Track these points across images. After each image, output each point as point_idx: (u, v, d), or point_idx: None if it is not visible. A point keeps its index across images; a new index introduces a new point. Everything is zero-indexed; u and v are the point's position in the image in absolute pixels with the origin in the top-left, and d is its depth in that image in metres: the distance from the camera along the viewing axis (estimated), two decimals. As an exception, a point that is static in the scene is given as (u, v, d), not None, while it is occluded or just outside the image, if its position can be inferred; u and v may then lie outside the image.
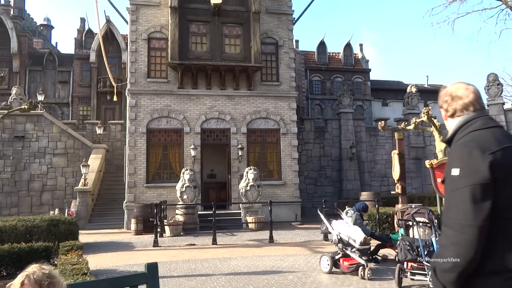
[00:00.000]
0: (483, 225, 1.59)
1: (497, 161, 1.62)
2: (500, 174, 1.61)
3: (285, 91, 17.51)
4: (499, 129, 1.78)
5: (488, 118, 1.81)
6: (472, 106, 1.84)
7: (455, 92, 1.89)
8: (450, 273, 1.65)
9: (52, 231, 10.06)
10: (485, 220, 1.59)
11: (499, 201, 1.61)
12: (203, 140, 16.66)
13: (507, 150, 1.67)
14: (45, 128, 19.62)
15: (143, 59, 16.60)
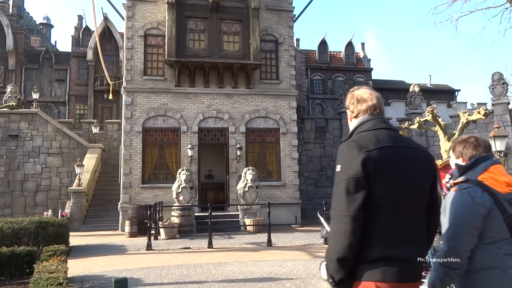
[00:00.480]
0: (355, 215, 1.72)
1: (370, 158, 1.75)
2: (372, 170, 1.74)
3: (285, 90, 17.06)
4: (387, 130, 1.92)
5: (379, 121, 1.95)
6: (373, 109, 1.99)
7: (361, 96, 2.03)
8: (333, 262, 1.75)
9: (40, 234, 9.60)
10: (358, 210, 1.72)
11: (375, 194, 1.75)
12: (200, 139, 16.21)
13: (384, 149, 1.80)
14: (40, 127, 19.19)
15: (139, 56, 16.16)
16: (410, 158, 1.87)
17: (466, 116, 12.17)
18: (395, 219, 1.78)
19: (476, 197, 1.97)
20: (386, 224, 1.78)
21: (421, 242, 1.85)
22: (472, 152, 2.19)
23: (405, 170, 1.83)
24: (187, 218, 13.21)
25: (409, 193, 1.82)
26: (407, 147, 1.90)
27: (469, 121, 12.22)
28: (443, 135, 12.67)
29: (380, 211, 1.77)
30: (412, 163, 1.86)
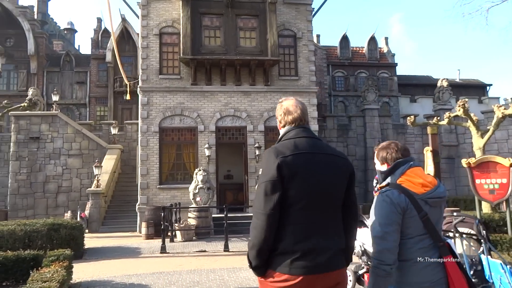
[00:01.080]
0: (270, 213, 2.00)
1: (285, 163, 2.02)
2: (286, 173, 2.01)
3: (305, 86, 16.44)
4: (307, 139, 2.17)
5: (301, 130, 2.20)
6: (298, 121, 2.23)
7: (288, 108, 2.27)
8: (251, 251, 2.06)
9: (52, 236, 9.40)
10: (273, 209, 2.00)
11: (289, 194, 2.03)
12: (218, 139, 15.81)
13: (299, 155, 2.07)
14: (60, 129, 19.28)
15: (154, 55, 15.91)
16: (324, 163, 2.10)
17: (501, 110, 11.25)
18: (305, 217, 2.03)
19: (393, 198, 2.18)
20: (296, 221, 2.03)
21: (330, 236, 2.07)
22: (394, 157, 2.37)
23: (317, 173, 2.06)
24: (204, 219, 12.81)
25: (320, 194, 2.05)
26: (322, 154, 2.14)
27: (505, 115, 11.29)
28: (475, 131, 11.77)
29: (292, 209, 2.03)
30: (326, 168, 2.10)
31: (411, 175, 2.28)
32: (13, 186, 18.54)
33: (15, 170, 18.65)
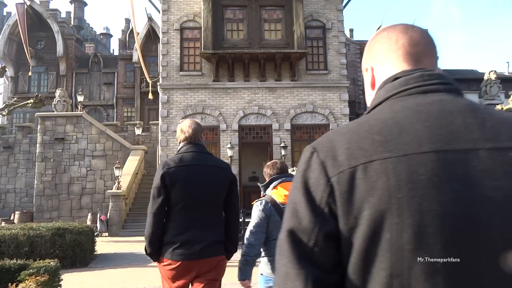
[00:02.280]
0: (156, 212, 2.56)
1: (167, 173, 2.56)
2: (168, 182, 2.54)
3: (335, 81, 15.16)
4: (193, 153, 2.67)
5: (190, 146, 2.70)
6: (190, 139, 2.73)
7: (182, 128, 2.78)
8: (146, 242, 2.62)
9: (56, 242, 8.76)
10: (157, 209, 2.55)
11: (171, 198, 2.56)
12: (241, 138, 14.85)
13: (181, 167, 2.60)
14: (85, 130, 19.04)
15: (175, 51, 15.21)
16: (203, 173, 2.64)
17: None
18: (183, 215, 2.60)
19: (261, 207, 2.73)
20: (176, 218, 2.60)
21: (206, 230, 2.58)
22: (271, 174, 2.91)
23: (194, 181, 2.60)
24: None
25: (197, 197, 2.60)
26: (203, 165, 2.68)
27: None
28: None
29: (174, 210, 2.60)
30: (204, 176, 2.63)
31: (280, 188, 2.78)
32: (38, 188, 18.46)
33: (40, 171, 18.57)
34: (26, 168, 20.87)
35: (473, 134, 0.74)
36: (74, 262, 8.91)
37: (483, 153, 0.73)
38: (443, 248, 0.69)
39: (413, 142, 0.74)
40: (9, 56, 24.58)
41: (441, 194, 0.71)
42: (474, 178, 0.72)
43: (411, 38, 0.91)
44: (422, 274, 0.69)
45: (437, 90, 0.82)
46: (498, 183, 0.71)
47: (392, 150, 0.74)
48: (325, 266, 0.76)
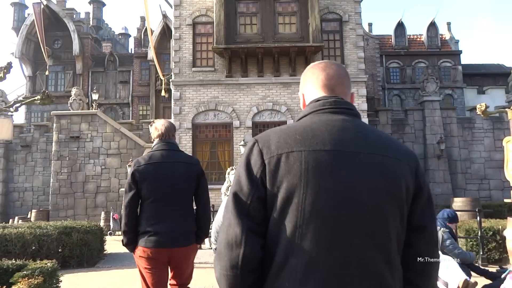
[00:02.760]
0: (127, 205, 2.92)
1: (137, 170, 2.92)
2: (138, 178, 2.90)
3: (352, 75, 14.55)
4: (162, 151, 3.01)
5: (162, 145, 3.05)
6: (162, 136, 3.07)
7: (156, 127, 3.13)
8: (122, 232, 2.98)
9: (62, 241, 8.54)
10: (128, 202, 2.92)
11: (141, 192, 2.91)
12: (255, 135, 14.35)
13: (150, 164, 2.94)
14: (99, 128, 19.01)
15: (187, 47, 14.91)
16: (171, 169, 2.94)
17: None
18: (154, 208, 2.92)
19: None
20: (148, 211, 2.93)
21: (175, 221, 2.87)
22: None
23: (162, 177, 2.92)
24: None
25: (165, 191, 2.91)
26: (171, 162, 2.98)
27: None
28: None
29: (145, 203, 2.93)
30: (172, 172, 2.92)
31: None
32: (54, 186, 18.52)
33: (56, 169, 18.63)
34: (43, 167, 21.01)
35: (358, 143, 1.21)
36: (81, 261, 8.69)
37: (362, 155, 1.19)
38: (329, 212, 1.13)
39: (320, 143, 1.18)
40: (27, 56, 24.88)
41: (333, 177, 1.15)
42: (355, 169, 1.17)
43: (328, 74, 1.33)
44: (313, 226, 1.12)
45: (342, 113, 1.26)
46: (370, 174, 1.17)
47: (306, 145, 1.17)
48: (256, 220, 1.16)
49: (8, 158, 21.06)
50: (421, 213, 1.22)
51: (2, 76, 8.92)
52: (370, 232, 1.12)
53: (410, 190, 1.21)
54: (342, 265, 1.10)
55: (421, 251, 1.21)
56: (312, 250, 1.10)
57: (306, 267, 1.10)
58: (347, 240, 1.11)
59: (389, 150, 1.22)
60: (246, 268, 1.14)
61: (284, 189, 1.14)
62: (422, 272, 1.22)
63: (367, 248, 1.12)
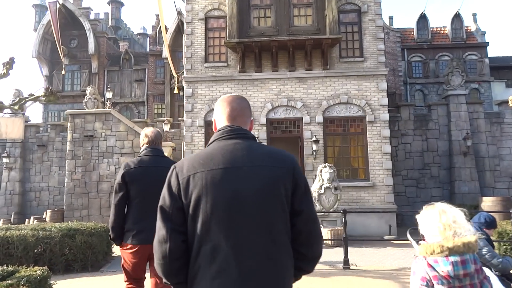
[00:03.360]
0: (116, 203, 3.39)
1: (127, 173, 3.34)
2: (128, 179, 3.33)
3: (372, 69, 13.81)
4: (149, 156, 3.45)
5: (149, 150, 3.49)
6: (151, 143, 3.54)
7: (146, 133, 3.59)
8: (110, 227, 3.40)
9: (66, 244, 8.20)
10: (118, 201, 3.38)
11: (130, 193, 3.36)
12: (269, 133, 13.87)
13: (138, 168, 3.37)
14: (113, 127, 18.81)
15: (199, 42, 14.46)
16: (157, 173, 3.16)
17: None
18: (140, 208, 3.32)
19: None
20: (134, 210, 3.33)
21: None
22: None
23: (148, 179, 3.31)
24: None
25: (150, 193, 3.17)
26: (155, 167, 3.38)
27: None
28: None
29: (132, 203, 3.34)
30: (158, 176, 2.96)
31: None
32: (69, 186, 18.42)
33: (70, 169, 18.52)
34: (59, 166, 21.03)
35: (243, 159, 1.65)
36: (85, 265, 8.33)
37: (246, 168, 1.64)
38: (223, 211, 1.59)
39: (215, 163, 1.64)
40: (43, 55, 25.01)
41: (224, 187, 1.61)
42: (240, 179, 1.62)
43: (232, 108, 1.80)
44: (214, 223, 1.58)
45: (235, 138, 1.72)
46: (252, 181, 1.62)
47: (206, 167, 1.64)
48: (178, 223, 1.62)
49: (24, 157, 21.16)
50: (299, 201, 1.70)
51: (5, 72, 8.66)
52: (256, 222, 1.61)
53: (288, 186, 1.68)
54: (237, 247, 1.59)
55: (301, 228, 1.69)
56: (215, 239, 1.60)
57: (213, 251, 1.60)
58: (239, 229, 1.60)
59: (268, 161, 1.69)
60: (172, 257, 1.62)
61: (193, 199, 1.64)
62: (304, 243, 1.70)
63: (254, 233, 1.61)
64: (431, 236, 2.20)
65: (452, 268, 2.03)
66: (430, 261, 2.10)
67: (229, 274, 1.56)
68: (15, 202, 20.46)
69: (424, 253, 2.17)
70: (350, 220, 12.04)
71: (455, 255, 2.06)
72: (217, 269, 1.57)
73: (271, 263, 1.59)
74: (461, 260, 2.05)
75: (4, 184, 20.72)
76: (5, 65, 8.48)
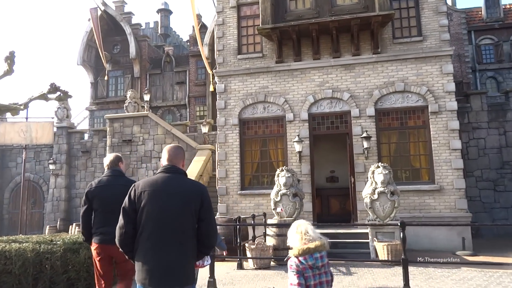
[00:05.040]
0: (83, 215, 4.45)
1: (89, 191, 4.39)
2: (90, 196, 4.37)
3: (433, 49, 11.57)
4: (108, 177, 4.49)
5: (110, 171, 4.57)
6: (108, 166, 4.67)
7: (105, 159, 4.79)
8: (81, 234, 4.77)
9: (68, 260, 7.08)
10: (84, 213, 4.44)
11: (93, 205, 4.38)
12: (312, 129, 12.11)
13: (98, 187, 4.38)
14: (151, 130, 18.08)
15: (232, 32, 13.11)
16: (111, 190, 4.30)
17: None
18: (101, 216, 4.31)
19: None
20: (97, 218, 4.34)
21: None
22: None
23: (105, 195, 4.30)
24: (285, 239, 9.24)
25: (110, 205, 4.16)
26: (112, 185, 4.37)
27: None
28: None
29: (96, 213, 4.35)
30: (111, 192, 4.26)
31: None
32: (108, 192, 17.93)
33: (110, 175, 18.04)
34: (102, 172, 20.73)
35: (171, 186, 3.05)
36: (90, 285, 7.17)
37: (171, 190, 3.04)
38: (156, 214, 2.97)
39: (156, 186, 3.03)
40: (88, 63, 25.21)
41: (157, 202, 2.99)
42: (167, 198, 3.00)
43: (169, 153, 3.17)
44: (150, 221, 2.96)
45: (168, 172, 3.10)
46: (174, 200, 2.99)
47: (150, 187, 3.03)
48: (130, 217, 3.00)
49: (70, 164, 21.15)
50: (203, 214, 3.00)
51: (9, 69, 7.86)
52: (174, 223, 2.90)
53: (197, 204, 2.98)
54: (162, 235, 2.88)
55: (203, 228, 2.99)
56: (150, 230, 2.91)
57: (148, 236, 2.90)
58: (163, 228, 2.89)
59: (185, 187, 3.04)
60: (126, 237, 2.96)
61: (142, 206, 2.97)
62: (204, 236, 3.01)
63: (173, 229, 2.89)
64: (296, 242, 3.21)
65: (315, 261, 3.12)
66: (300, 258, 3.12)
67: (156, 249, 2.91)
68: (61, 209, 20.45)
69: (296, 254, 3.15)
70: (412, 231, 9.94)
71: (316, 253, 3.14)
72: (150, 246, 2.91)
73: (181, 245, 2.92)
74: (320, 256, 3.15)
75: (51, 190, 20.83)
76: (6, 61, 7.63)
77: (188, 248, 2.90)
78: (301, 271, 3.07)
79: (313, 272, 3.09)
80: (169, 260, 2.82)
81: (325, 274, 3.17)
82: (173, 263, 2.83)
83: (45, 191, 21.49)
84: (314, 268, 3.10)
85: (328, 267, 3.22)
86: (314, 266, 3.09)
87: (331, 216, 13.47)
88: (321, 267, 3.13)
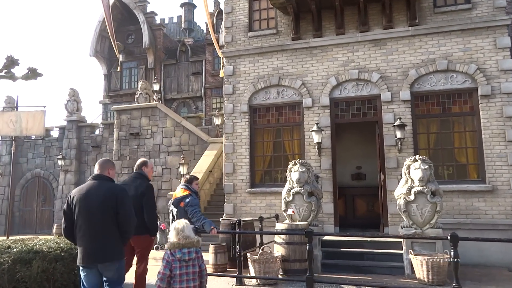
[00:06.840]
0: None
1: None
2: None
3: (485, 18, 9.44)
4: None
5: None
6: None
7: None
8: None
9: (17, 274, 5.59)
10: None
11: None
12: (334, 117, 10.24)
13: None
14: (160, 122, 16.68)
15: (242, 6, 11.43)
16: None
17: None
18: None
19: None
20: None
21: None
22: None
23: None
24: (299, 247, 7.43)
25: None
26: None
27: None
28: None
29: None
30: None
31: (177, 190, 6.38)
32: (114, 188, 16.70)
33: (117, 170, 16.76)
34: (112, 168, 19.62)
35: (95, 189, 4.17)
36: (44, 305, 5.68)
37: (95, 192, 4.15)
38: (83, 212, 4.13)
39: (83, 190, 4.19)
40: (101, 54, 24.19)
41: (83, 202, 4.13)
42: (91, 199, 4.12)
43: (99, 164, 4.40)
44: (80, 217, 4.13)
45: (94, 179, 4.27)
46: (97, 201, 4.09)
47: (79, 192, 4.20)
48: (69, 216, 4.21)
49: (80, 159, 20.13)
50: (119, 208, 4.04)
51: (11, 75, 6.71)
52: (97, 217, 4.02)
53: (113, 202, 4.04)
54: (89, 227, 4.04)
55: (119, 219, 4.06)
56: (80, 223, 4.09)
57: (79, 229, 4.10)
58: (87, 222, 4.05)
59: (103, 191, 4.09)
60: (67, 229, 4.20)
61: (74, 207, 4.13)
62: (121, 225, 4.08)
63: (96, 224, 4.02)
64: (172, 238, 3.68)
65: (183, 255, 3.61)
66: (172, 251, 3.62)
67: (85, 237, 4.01)
68: (70, 206, 19.45)
69: (170, 248, 3.65)
70: (458, 242, 7.92)
71: (184, 248, 3.64)
72: (81, 235, 4.04)
73: (103, 233, 3.98)
74: (188, 251, 3.64)
75: (60, 187, 19.89)
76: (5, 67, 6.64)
77: (108, 234, 4.03)
78: (170, 262, 3.61)
79: (180, 263, 3.62)
80: (94, 244, 4.00)
81: (193, 266, 3.66)
82: (96, 246, 4.00)
83: (55, 188, 20.58)
84: (182, 261, 3.62)
85: (198, 261, 3.73)
86: (181, 259, 3.63)
87: (356, 219, 11.60)
88: (188, 260, 3.65)
